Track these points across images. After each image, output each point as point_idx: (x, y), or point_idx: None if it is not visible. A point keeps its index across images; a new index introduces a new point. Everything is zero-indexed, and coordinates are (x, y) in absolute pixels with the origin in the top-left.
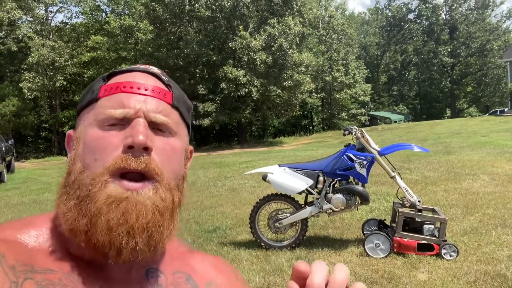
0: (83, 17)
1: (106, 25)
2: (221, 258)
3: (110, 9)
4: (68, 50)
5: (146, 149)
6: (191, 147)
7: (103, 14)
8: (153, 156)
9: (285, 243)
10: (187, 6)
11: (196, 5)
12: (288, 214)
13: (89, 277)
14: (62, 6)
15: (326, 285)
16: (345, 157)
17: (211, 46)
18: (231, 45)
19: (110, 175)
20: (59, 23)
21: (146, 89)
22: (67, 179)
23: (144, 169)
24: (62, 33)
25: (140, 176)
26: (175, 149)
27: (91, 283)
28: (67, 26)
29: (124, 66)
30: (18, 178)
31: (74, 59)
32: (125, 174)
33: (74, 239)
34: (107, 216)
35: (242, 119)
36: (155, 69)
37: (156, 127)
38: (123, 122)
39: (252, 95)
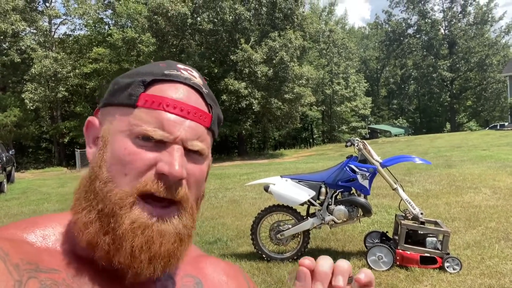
0: (86, 29)
1: (109, 37)
2: (233, 265)
3: (113, 21)
4: (70, 62)
5: (180, 180)
6: (211, 157)
7: (106, 27)
8: (184, 184)
9: (287, 255)
10: (189, 19)
11: (198, 18)
12: (290, 226)
13: (94, 278)
14: (65, 19)
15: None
16: (347, 169)
17: (213, 59)
18: (232, 58)
19: (138, 195)
20: (62, 35)
21: (188, 112)
22: (91, 184)
23: (174, 198)
24: (65, 44)
25: (168, 200)
26: (204, 173)
27: (97, 285)
28: (70, 38)
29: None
30: (18, 189)
31: (77, 71)
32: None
33: (91, 252)
34: (132, 242)
35: (243, 131)
36: (197, 78)
37: (190, 151)
38: (159, 143)
39: (253, 107)
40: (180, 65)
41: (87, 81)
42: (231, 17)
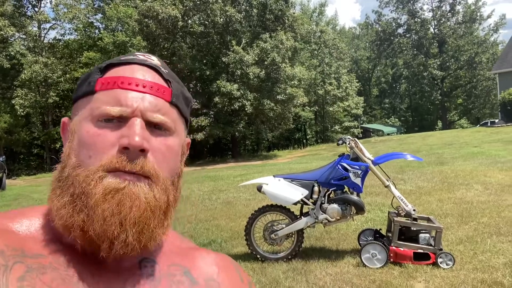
0: (76, 33)
1: (99, 41)
2: (225, 256)
3: (103, 25)
4: (61, 67)
5: (142, 151)
6: (188, 140)
7: (96, 31)
8: (149, 157)
9: (281, 254)
10: (180, 22)
11: (189, 21)
12: (284, 225)
13: (80, 262)
14: (55, 23)
15: None
16: (340, 167)
17: (204, 61)
18: (224, 60)
19: (105, 171)
20: (52, 39)
21: (144, 86)
22: (61, 172)
23: (139, 171)
24: (55, 49)
25: (136, 174)
26: (171, 148)
27: (82, 269)
28: (60, 43)
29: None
30: (9, 195)
31: (67, 75)
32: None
33: (68, 235)
34: (103, 206)
35: (236, 133)
36: (155, 60)
37: (153, 126)
38: (120, 119)
39: (246, 109)
40: (138, 53)
41: None
42: (222, 19)
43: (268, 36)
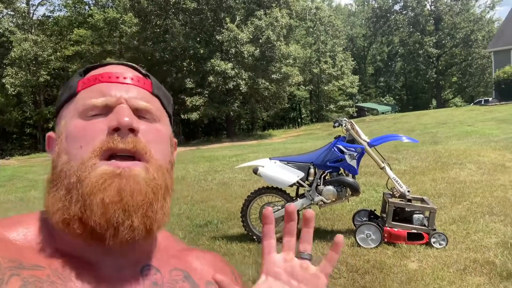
0: (66, 10)
1: (90, 18)
2: (219, 256)
3: (94, 1)
4: (51, 44)
5: (133, 131)
6: (175, 140)
7: (86, 7)
8: (140, 137)
9: (277, 236)
10: None
11: None
12: (280, 207)
13: (79, 274)
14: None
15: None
16: (336, 149)
17: (198, 39)
18: (218, 38)
19: (99, 158)
20: (41, 16)
21: (125, 78)
22: (53, 173)
23: (133, 149)
24: (45, 26)
25: (130, 158)
26: (160, 132)
27: (82, 280)
28: (50, 20)
29: (106, 61)
30: (3, 176)
31: (58, 53)
32: (113, 156)
33: (67, 229)
34: (102, 194)
35: (231, 113)
36: (130, 63)
37: (139, 114)
38: (106, 111)
39: (240, 88)
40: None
41: (70, 64)
42: None
43: (262, 13)
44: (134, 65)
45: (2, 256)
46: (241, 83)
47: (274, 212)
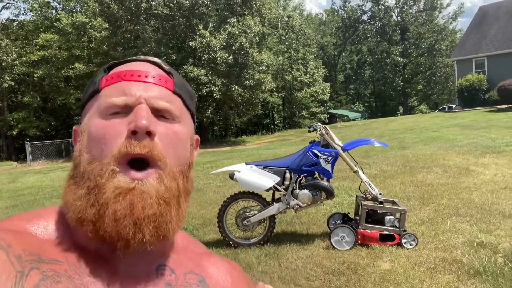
0: (32, 14)
1: (57, 22)
2: (237, 266)
3: (61, 6)
4: (15, 49)
5: (149, 134)
6: (197, 137)
7: (54, 11)
8: (156, 141)
9: (254, 240)
10: (144, 4)
11: (153, 2)
12: (256, 212)
13: (95, 269)
14: (8, 3)
15: None
16: (311, 154)
17: (170, 45)
18: (190, 44)
19: (117, 163)
20: (5, 20)
21: (146, 76)
22: (75, 170)
23: (148, 153)
24: (9, 30)
25: (145, 163)
26: (178, 135)
27: (97, 276)
28: (15, 24)
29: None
30: None
31: (23, 58)
32: (132, 162)
33: (81, 228)
34: (114, 207)
35: (204, 119)
36: (155, 59)
37: (159, 114)
38: (126, 110)
39: (214, 95)
40: (141, 55)
41: (35, 69)
42: (187, 1)
43: (235, 20)
44: (158, 61)
45: (23, 249)
46: (215, 89)
47: (250, 217)
